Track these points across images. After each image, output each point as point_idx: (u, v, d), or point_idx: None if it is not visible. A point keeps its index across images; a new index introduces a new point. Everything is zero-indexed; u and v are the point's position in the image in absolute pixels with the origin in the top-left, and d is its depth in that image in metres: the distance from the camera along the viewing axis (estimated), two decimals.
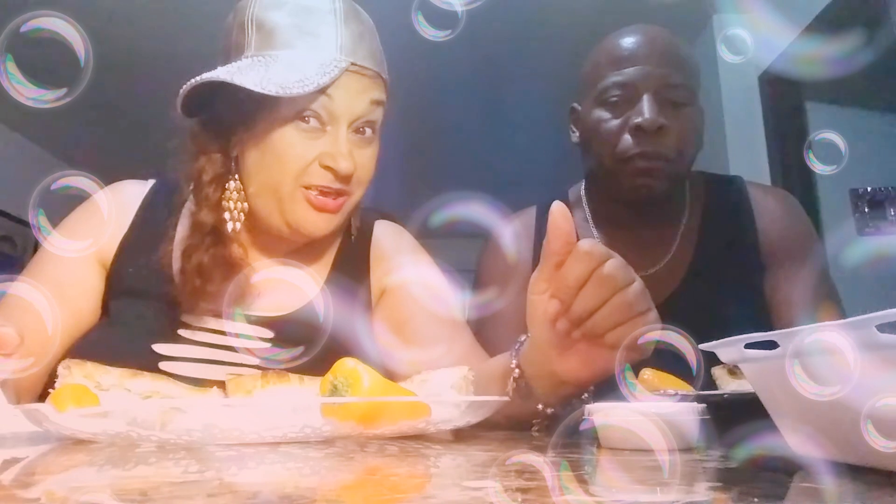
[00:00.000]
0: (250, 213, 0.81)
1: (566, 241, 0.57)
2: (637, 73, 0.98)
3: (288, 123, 0.75)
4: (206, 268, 0.76)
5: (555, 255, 0.58)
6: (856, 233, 2.30)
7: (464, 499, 0.28)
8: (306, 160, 0.75)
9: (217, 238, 0.78)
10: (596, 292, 0.56)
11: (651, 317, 0.58)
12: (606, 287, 0.56)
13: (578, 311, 0.57)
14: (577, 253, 0.56)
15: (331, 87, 0.74)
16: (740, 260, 1.05)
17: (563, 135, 1.14)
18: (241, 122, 0.78)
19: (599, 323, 0.56)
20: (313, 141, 0.76)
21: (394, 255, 0.90)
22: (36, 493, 0.31)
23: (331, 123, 0.76)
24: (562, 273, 0.57)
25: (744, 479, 0.34)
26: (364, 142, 0.79)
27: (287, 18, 0.75)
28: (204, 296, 0.75)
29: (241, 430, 0.48)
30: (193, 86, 0.73)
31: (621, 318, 0.56)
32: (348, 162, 0.75)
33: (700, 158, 1.05)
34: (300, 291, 0.83)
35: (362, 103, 0.77)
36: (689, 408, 0.47)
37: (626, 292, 0.56)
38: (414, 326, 0.84)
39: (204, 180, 0.79)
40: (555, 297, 0.59)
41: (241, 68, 0.74)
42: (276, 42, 0.75)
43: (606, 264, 0.56)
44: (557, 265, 0.58)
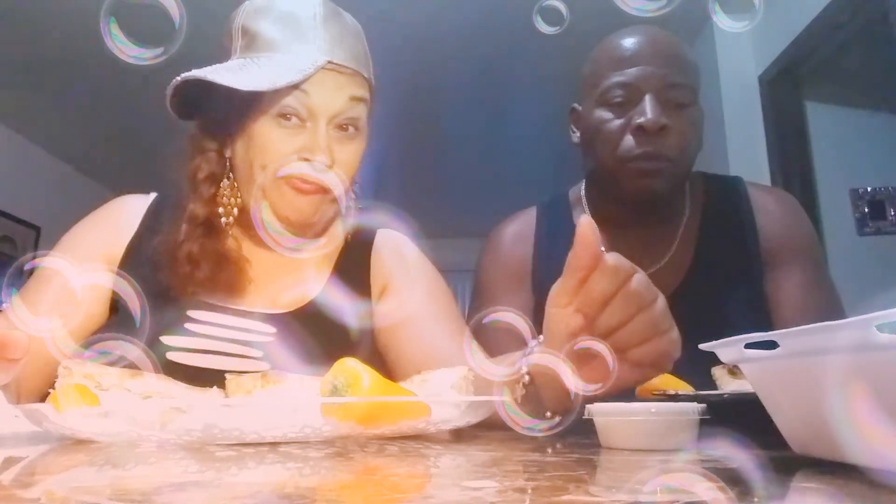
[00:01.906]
0: (245, 211, 0.84)
1: (593, 255, 0.56)
2: (639, 73, 0.98)
3: (270, 120, 0.78)
4: (194, 256, 0.80)
5: (581, 269, 0.56)
6: (856, 233, 2.30)
7: (464, 499, 0.28)
8: (285, 155, 0.78)
9: (208, 230, 0.82)
10: (622, 309, 0.55)
11: (674, 335, 0.57)
12: (633, 304, 0.55)
13: (604, 326, 0.56)
14: (604, 268, 0.55)
15: (307, 85, 0.77)
16: (740, 260, 1.05)
17: (563, 135, 1.14)
18: (232, 122, 0.82)
19: (624, 340, 0.56)
20: (294, 137, 0.79)
21: (394, 260, 0.91)
22: (36, 493, 0.31)
23: (310, 120, 0.79)
24: (588, 288, 0.56)
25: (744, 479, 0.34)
26: (346, 138, 0.81)
27: (270, 24, 0.80)
28: (192, 282, 0.79)
29: (241, 430, 0.48)
30: (176, 86, 0.77)
31: (646, 336, 0.56)
32: (325, 155, 0.77)
33: (700, 158, 1.05)
34: (303, 291, 0.85)
35: (340, 99, 0.79)
36: (689, 408, 0.47)
37: (652, 310, 0.56)
38: (413, 327, 0.84)
39: (199, 178, 0.83)
40: (579, 311, 0.58)
41: (219, 68, 0.77)
42: (259, 45, 0.79)
43: (633, 280, 0.55)
44: (582, 280, 0.57)
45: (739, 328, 0.44)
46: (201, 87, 0.76)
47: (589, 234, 0.56)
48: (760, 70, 2.70)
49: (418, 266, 0.93)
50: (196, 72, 0.76)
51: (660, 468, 0.38)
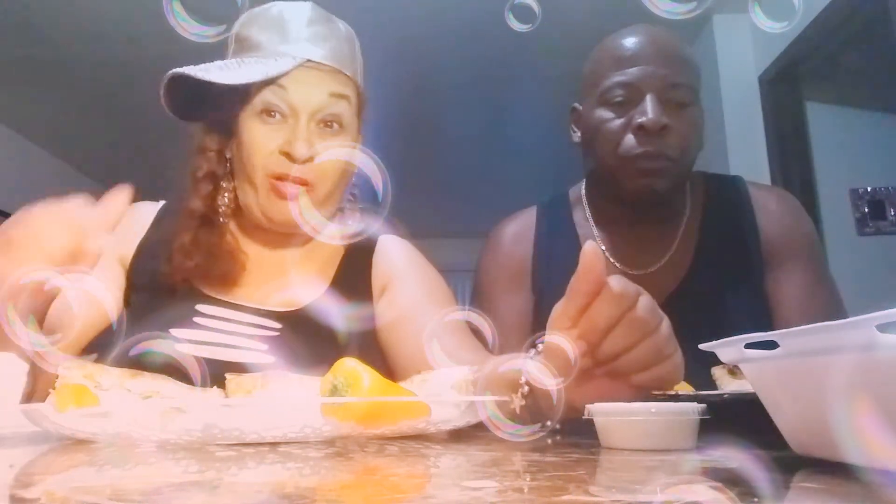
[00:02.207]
0: (243, 209, 0.87)
1: (597, 281, 0.55)
2: (640, 72, 0.98)
3: (255, 118, 0.82)
4: (186, 246, 0.83)
5: (584, 295, 0.55)
6: (856, 233, 2.30)
7: (464, 499, 0.28)
8: (269, 150, 0.81)
9: (204, 224, 0.85)
10: (626, 336, 0.54)
11: (677, 359, 0.57)
12: (637, 330, 0.54)
13: (606, 353, 0.55)
14: (608, 294, 0.54)
15: (287, 81, 0.81)
16: (740, 259, 1.05)
17: (564, 135, 1.14)
18: (227, 122, 0.85)
19: (627, 365, 0.55)
20: (276, 132, 0.82)
21: (394, 262, 0.93)
22: (36, 493, 0.31)
23: (291, 115, 0.82)
24: (591, 314, 0.55)
25: (744, 479, 0.34)
26: (330, 134, 0.84)
27: (259, 30, 0.84)
28: (183, 270, 0.83)
29: (241, 430, 0.48)
30: (169, 86, 0.80)
31: (650, 362, 0.55)
32: (303, 147, 0.80)
33: (700, 158, 1.05)
34: (304, 292, 0.87)
35: (319, 95, 0.82)
36: (689, 408, 0.47)
37: (656, 337, 0.55)
38: (413, 326, 0.85)
39: (198, 176, 0.87)
40: (582, 337, 0.57)
41: (204, 67, 0.80)
42: (247, 48, 0.84)
43: (638, 307, 0.54)
44: (585, 305, 0.56)
45: (739, 328, 0.44)
46: (196, 87, 0.79)
47: (594, 261, 0.54)
48: (760, 70, 2.70)
49: (418, 266, 0.93)
50: (183, 69, 0.79)
51: (660, 468, 0.38)
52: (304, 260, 0.90)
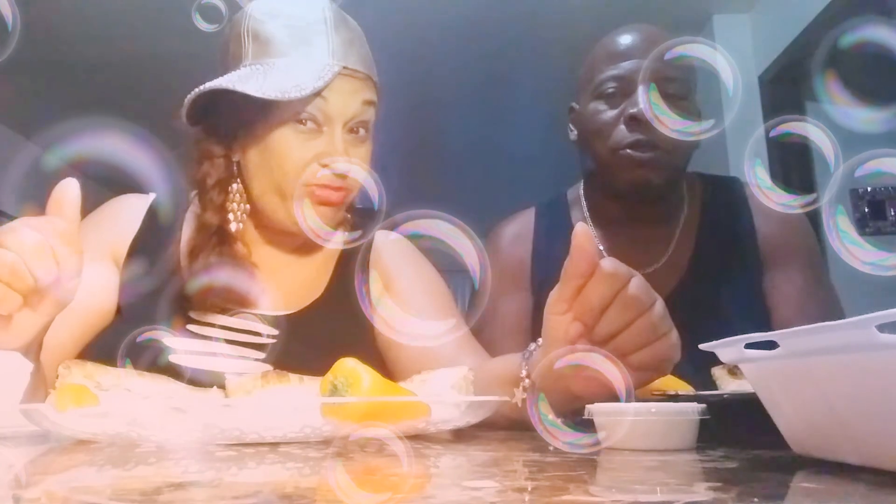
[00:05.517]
0: (253, 214, 0.85)
1: (589, 262, 0.55)
2: (633, 66, 0.99)
3: (286, 126, 0.79)
4: (213, 266, 0.80)
5: (578, 277, 0.56)
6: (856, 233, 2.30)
7: (464, 499, 0.28)
8: (305, 160, 0.79)
9: (222, 238, 0.83)
10: (620, 315, 0.55)
11: (673, 337, 0.57)
12: (631, 309, 0.55)
13: (603, 333, 0.56)
14: (601, 274, 0.55)
15: (325, 90, 0.78)
16: (739, 259, 1.05)
17: (562, 136, 1.14)
18: (241, 127, 0.82)
19: (624, 345, 0.55)
20: (311, 142, 0.79)
21: (393, 260, 0.92)
22: (36, 493, 0.31)
23: (326, 124, 0.80)
24: (585, 295, 0.56)
25: (744, 479, 0.34)
26: (358, 141, 0.83)
27: (281, 29, 0.80)
28: (212, 292, 0.79)
29: (241, 430, 0.48)
30: (198, 94, 0.77)
31: (646, 341, 0.55)
32: (343, 160, 0.79)
33: (700, 158, 1.05)
34: (305, 293, 0.86)
35: (355, 104, 0.80)
36: (689, 408, 0.47)
37: (650, 314, 0.55)
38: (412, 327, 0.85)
39: (208, 184, 0.83)
40: (577, 319, 0.58)
41: (241, 77, 0.78)
42: (272, 51, 0.80)
43: (630, 286, 0.55)
44: (579, 287, 0.56)
45: (738, 328, 0.44)
46: (211, 93, 0.77)
47: (584, 242, 0.56)
48: (760, 70, 2.70)
49: (417, 265, 0.93)
50: (223, 82, 0.77)
51: (660, 468, 0.38)
52: (303, 263, 0.90)
